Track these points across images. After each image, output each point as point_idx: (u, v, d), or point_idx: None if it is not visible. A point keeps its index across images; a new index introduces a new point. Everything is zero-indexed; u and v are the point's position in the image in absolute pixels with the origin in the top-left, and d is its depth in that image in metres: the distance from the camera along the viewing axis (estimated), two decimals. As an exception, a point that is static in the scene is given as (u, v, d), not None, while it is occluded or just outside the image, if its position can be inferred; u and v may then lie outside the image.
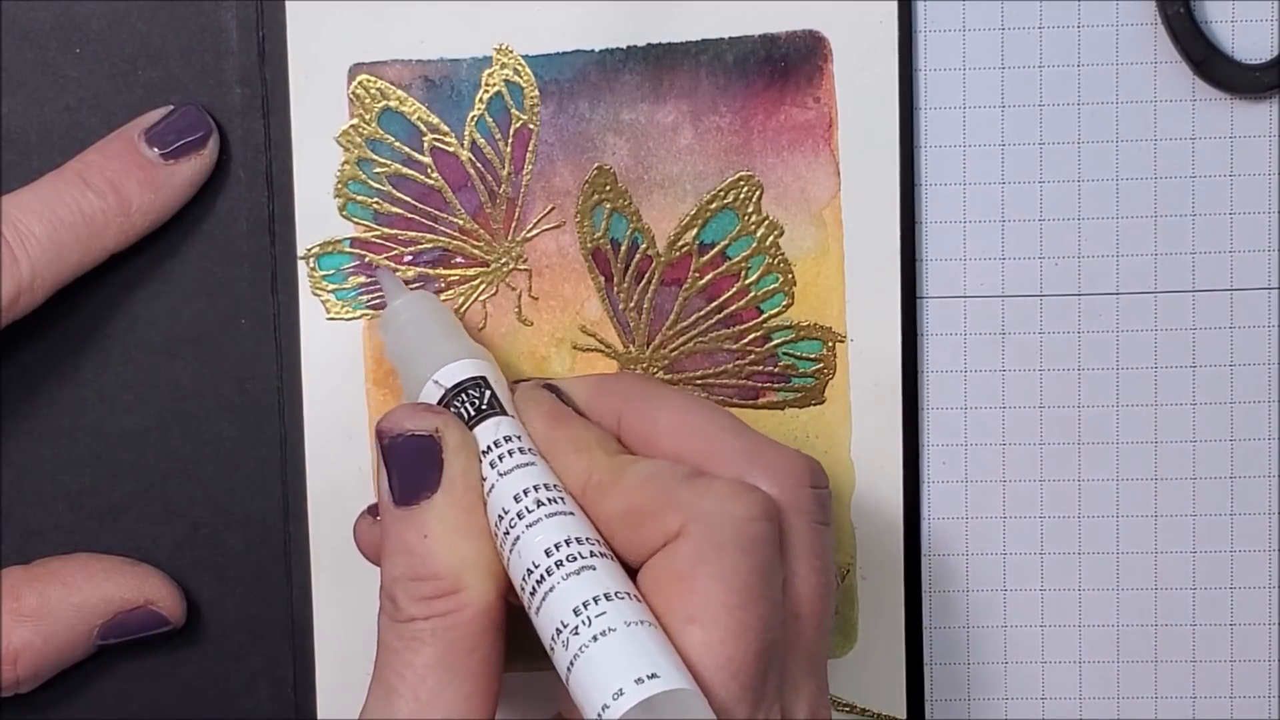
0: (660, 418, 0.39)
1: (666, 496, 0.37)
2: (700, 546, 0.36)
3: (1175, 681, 0.47)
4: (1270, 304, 0.46)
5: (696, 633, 0.35)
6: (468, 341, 0.42)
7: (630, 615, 0.35)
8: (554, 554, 0.36)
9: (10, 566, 0.44)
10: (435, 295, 0.44)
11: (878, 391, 0.45)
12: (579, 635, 0.35)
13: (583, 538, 0.37)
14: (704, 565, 0.36)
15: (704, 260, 0.45)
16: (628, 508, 0.37)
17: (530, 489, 0.38)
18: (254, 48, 0.44)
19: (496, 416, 0.39)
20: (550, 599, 0.36)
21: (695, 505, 0.36)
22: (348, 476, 0.45)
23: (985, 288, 0.46)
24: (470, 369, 0.40)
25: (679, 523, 0.36)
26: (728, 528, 0.36)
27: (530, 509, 0.37)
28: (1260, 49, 0.45)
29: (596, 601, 0.35)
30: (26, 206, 0.42)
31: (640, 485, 0.37)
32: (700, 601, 0.35)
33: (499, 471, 0.38)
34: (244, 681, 0.46)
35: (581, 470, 0.38)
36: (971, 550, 0.47)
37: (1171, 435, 0.46)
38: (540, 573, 0.36)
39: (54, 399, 0.45)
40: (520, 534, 0.37)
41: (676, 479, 0.37)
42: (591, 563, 0.36)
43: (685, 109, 0.45)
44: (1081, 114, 0.45)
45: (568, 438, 0.39)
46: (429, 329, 0.42)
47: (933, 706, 0.47)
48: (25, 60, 0.44)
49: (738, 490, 0.37)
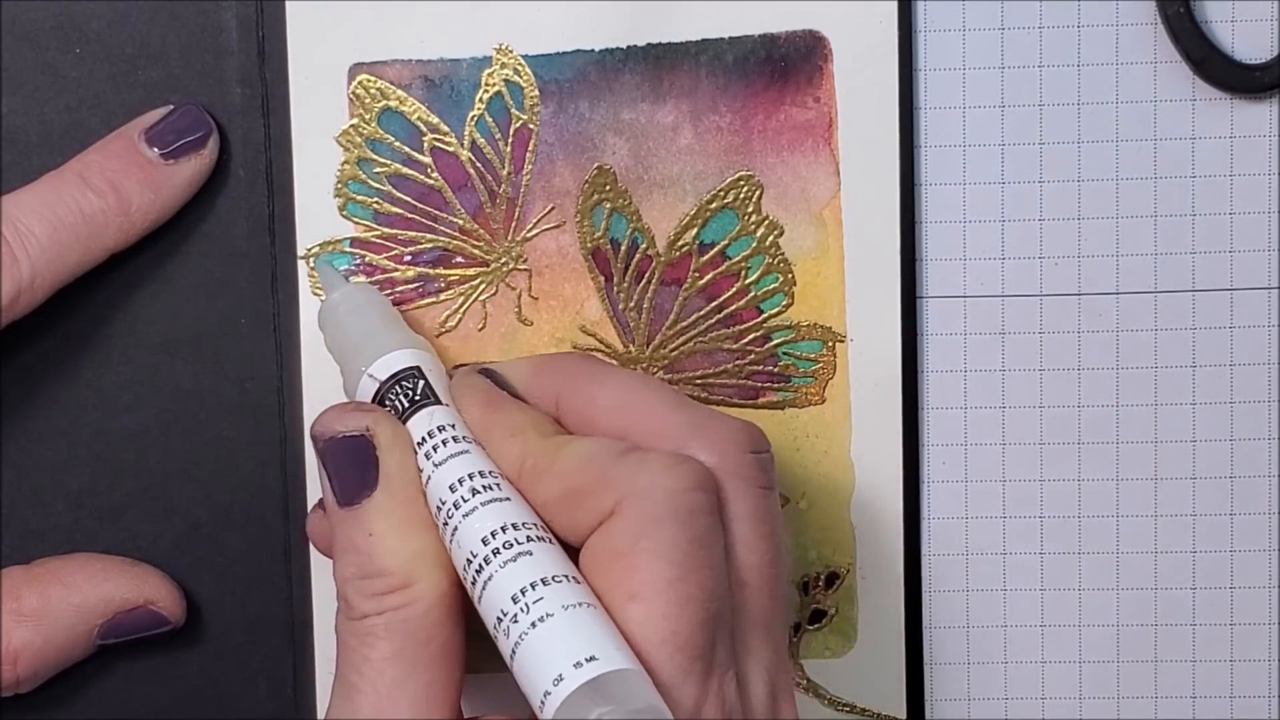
0: (599, 396, 0.39)
1: (601, 474, 0.37)
2: (637, 522, 0.36)
3: (1175, 681, 0.47)
4: (1270, 304, 0.46)
5: (638, 609, 0.35)
6: (405, 332, 0.42)
7: (568, 598, 0.35)
8: (490, 541, 0.36)
9: (10, 566, 0.44)
10: (373, 286, 0.44)
11: (878, 391, 0.45)
12: (518, 623, 0.35)
13: (519, 523, 0.36)
14: (641, 540, 0.35)
15: (704, 260, 0.45)
16: (564, 489, 0.37)
17: (465, 478, 0.37)
18: (254, 48, 0.44)
19: (430, 406, 0.39)
20: (490, 587, 0.36)
21: (630, 481, 0.36)
22: (348, 476, 0.45)
23: (985, 288, 0.46)
24: (404, 359, 0.40)
25: (614, 500, 0.36)
26: (663, 501, 0.36)
27: (466, 498, 0.37)
28: (1260, 49, 0.45)
29: (534, 587, 0.35)
30: (26, 206, 0.42)
31: (575, 465, 0.37)
32: (640, 577, 0.35)
33: (434, 463, 0.38)
34: (244, 681, 0.46)
35: (517, 454, 0.38)
36: (971, 550, 0.47)
37: (1171, 435, 0.46)
38: (479, 561, 0.36)
39: (54, 399, 0.45)
40: (458, 524, 0.37)
41: (611, 456, 0.37)
42: (529, 548, 0.36)
43: (685, 109, 0.45)
44: (1081, 114, 0.45)
45: (502, 422, 0.39)
46: (365, 321, 0.42)
47: (933, 706, 0.47)
48: (25, 60, 0.44)
49: (671, 462, 0.36)
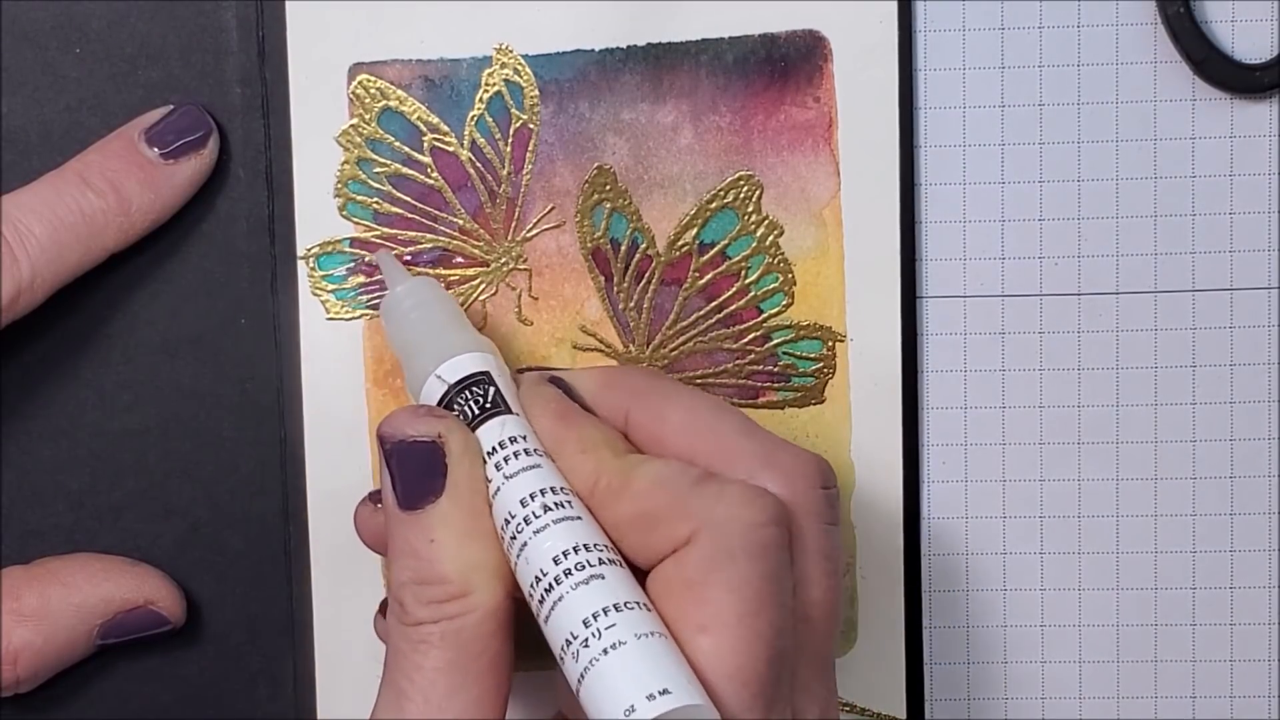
0: (670, 415, 0.39)
1: (677, 501, 0.36)
2: (711, 554, 0.35)
3: (1175, 681, 0.47)
4: (1270, 304, 0.46)
5: (707, 642, 0.35)
6: (471, 332, 0.41)
7: (641, 627, 0.35)
8: (562, 561, 0.36)
9: (10, 566, 0.44)
10: (438, 281, 0.44)
11: (878, 391, 0.45)
12: (589, 648, 0.34)
13: (591, 544, 0.36)
14: (715, 573, 0.35)
15: (704, 260, 0.45)
16: (637, 512, 0.37)
17: (537, 493, 0.37)
18: (254, 48, 0.44)
19: (501, 415, 0.39)
20: (559, 608, 0.35)
21: (706, 511, 0.36)
22: (348, 476, 0.45)
23: (985, 287, 0.46)
24: (474, 363, 0.40)
25: (690, 529, 0.36)
26: (739, 534, 0.36)
27: (537, 514, 0.37)
28: (1260, 49, 0.45)
29: (606, 613, 0.35)
30: (26, 206, 0.42)
31: (650, 489, 0.37)
32: (712, 610, 0.35)
33: (504, 474, 0.38)
34: (244, 681, 0.46)
35: (590, 471, 0.38)
36: (971, 550, 0.47)
37: (1171, 435, 0.46)
38: (549, 581, 0.36)
39: (54, 399, 0.45)
40: (527, 540, 0.36)
41: (687, 483, 0.37)
42: (600, 571, 0.36)
43: (685, 109, 0.45)
44: (1081, 114, 0.45)
45: (576, 437, 0.38)
46: (431, 318, 0.41)
47: (933, 706, 0.47)
48: (25, 60, 0.44)
49: (749, 495, 0.36)
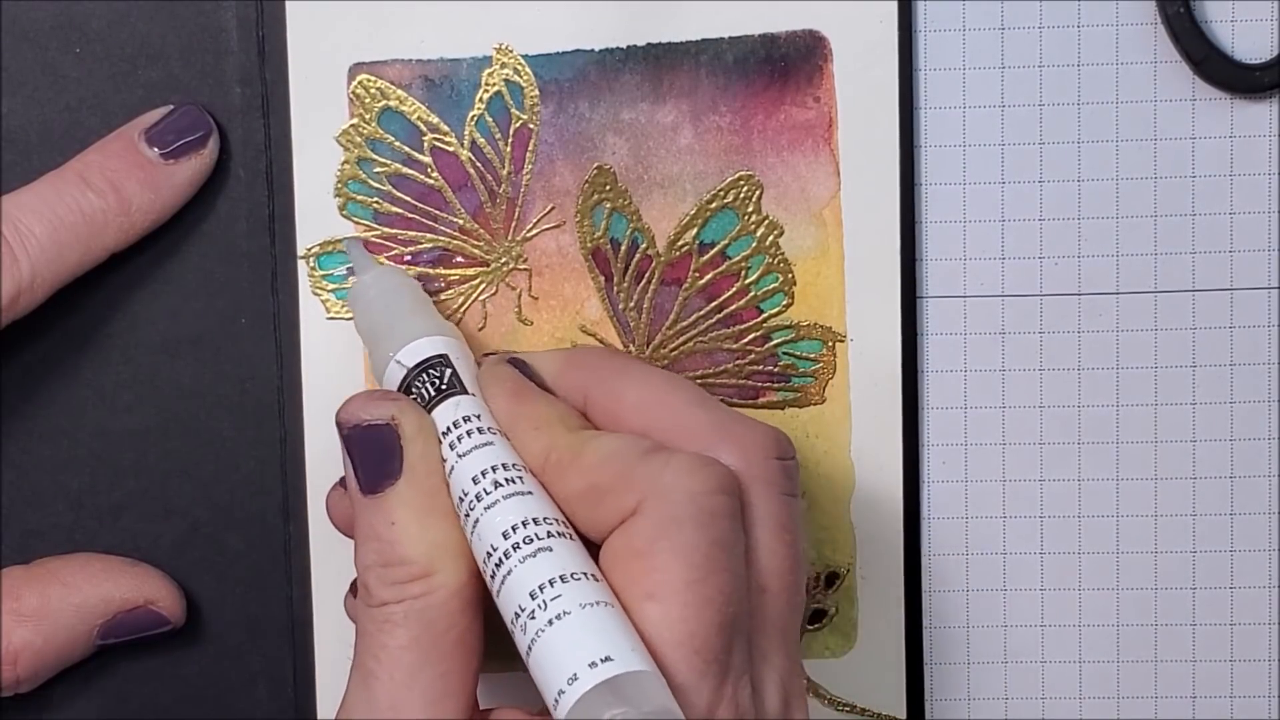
0: (627, 393, 0.39)
1: (625, 472, 0.37)
2: (657, 522, 0.36)
3: (1175, 681, 0.47)
4: (1270, 304, 0.46)
5: (655, 609, 0.35)
6: (434, 318, 0.41)
7: (586, 596, 0.35)
8: (511, 536, 0.36)
9: (10, 566, 0.44)
10: (403, 270, 0.44)
11: (878, 391, 0.45)
12: (535, 619, 0.35)
13: (540, 518, 0.36)
14: (661, 541, 0.35)
15: (704, 260, 0.45)
16: (587, 485, 0.37)
17: (488, 469, 0.37)
18: (254, 48, 0.44)
19: (456, 396, 0.39)
20: (509, 582, 0.36)
21: (652, 481, 0.36)
22: (348, 476, 0.45)
23: (985, 288, 0.46)
24: (432, 346, 0.40)
25: (636, 499, 0.36)
26: (685, 502, 0.36)
27: (488, 490, 0.37)
28: (1260, 49, 0.45)
29: (552, 584, 0.35)
30: (26, 206, 0.42)
31: (599, 462, 0.37)
32: (658, 578, 0.35)
33: (457, 453, 0.38)
34: (244, 681, 0.46)
35: (541, 448, 0.38)
36: (971, 550, 0.47)
37: (1171, 435, 0.46)
38: (499, 555, 0.36)
39: (54, 399, 0.45)
40: (479, 516, 0.37)
41: (635, 454, 0.37)
42: (549, 544, 0.36)
43: (685, 109, 0.45)
44: (1081, 114, 0.45)
45: (529, 414, 0.39)
46: (395, 305, 0.42)
47: (933, 706, 0.47)
48: (25, 60, 0.44)
49: (695, 464, 0.36)
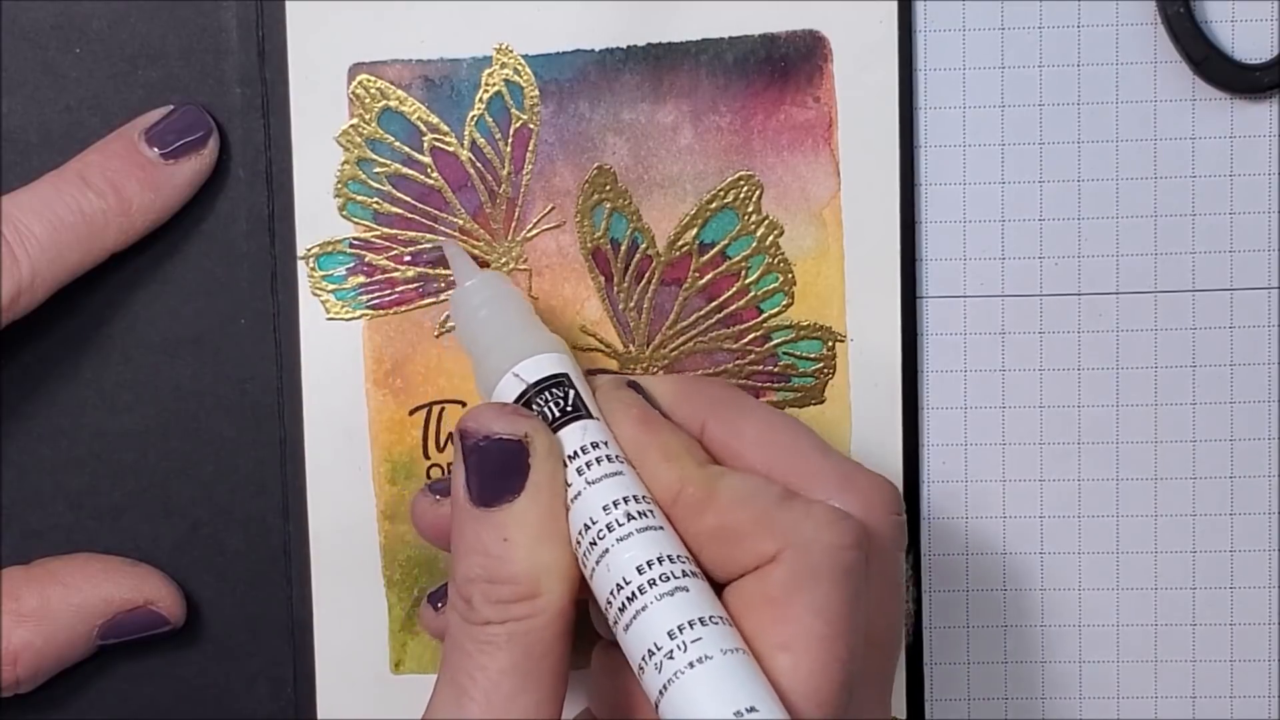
0: (747, 430, 0.39)
1: (763, 517, 0.36)
2: (796, 573, 0.36)
3: (1175, 681, 0.47)
4: (1270, 304, 0.46)
5: (787, 661, 0.35)
6: (545, 331, 0.41)
7: (725, 643, 0.35)
8: (646, 571, 0.36)
9: (10, 566, 0.44)
10: (506, 276, 0.43)
11: (878, 391, 0.46)
12: (674, 660, 0.35)
13: (674, 555, 0.36)
14: (799, 593, 0.35)
15: (704, 260, 0.45)
16: (721, 525, 0.37)
17: (620, 500, 0.37)
18: (254, 48, 0.44)
19: (583, 420, 0.38)
20: (642, 619, 0.35)
21: (793, 530, 0.36)
22: (347, 476, 0.45)
23: (985, 288, 0.46)
24: (553, 364, 0.39)
25: (775, 547, 0.36)
26: (823, 555, 0.36)
27: (620, 521, 0.36)
28: (1260, 49, 0.45)
29: (691, 626, 0.35)
30: (26, 206, 0.42)
31: (735, 503, 0.37)
32: (793, 630, 0.35)
33: (586, 480, 0.37)
34: (244, 681, 0.46)
35: (673, 480, 0.37)
36: (971, 550, 0.47)
37: (1171, 435, 0.46)
38: (631, 590, 0.36)
39: (54, 399, 0.45)
40: (610, 546, 0.36)
41: (772, 499, 0.37)
42: (684, 583, 0.36)
43: (685, 109, 0.45)
44: (1081, 114, 0.45)
45: (658, 444, 0.38)
46: (504, 315, 0.41)
47: (933, 706, 0.47)
48: (25, 60, 0.44)
49: (834, 517, 0.36)
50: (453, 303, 0.42)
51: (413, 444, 0.45)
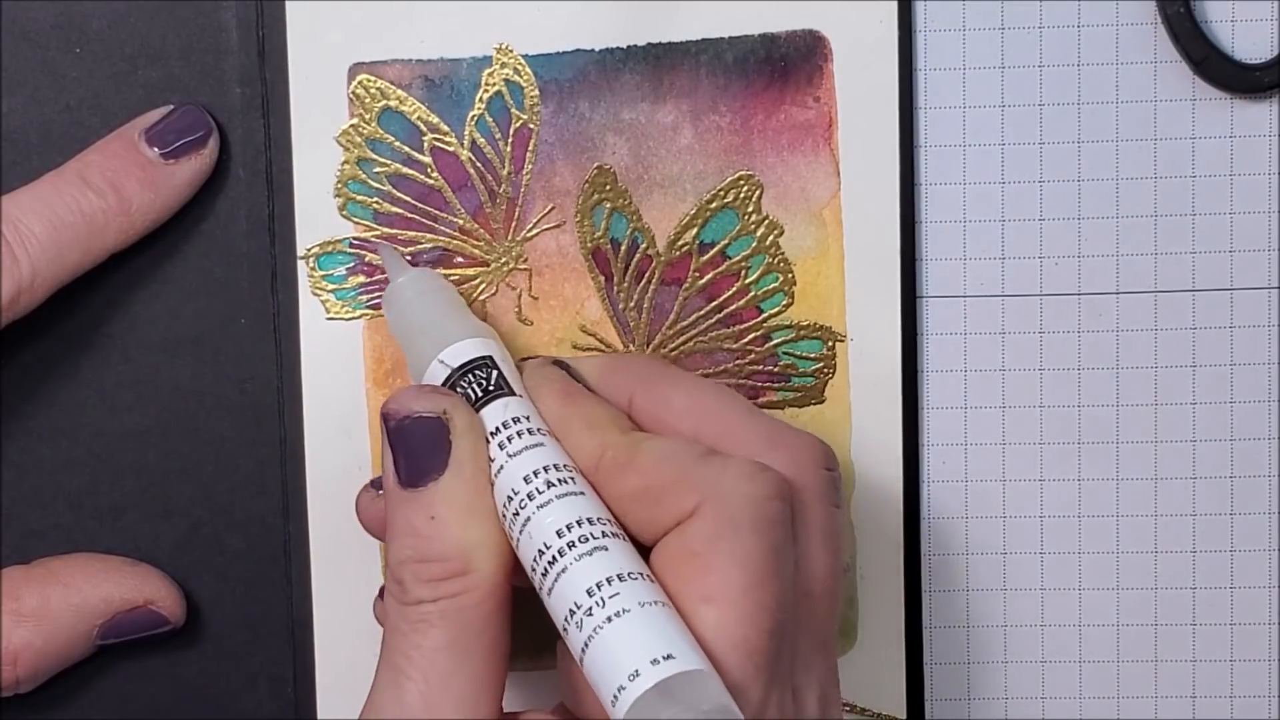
0: (674, 399, 0.39)
1: (683, 474, 0.37)
2: (716, 525, 0.36)
3: (1175, 681, 0.47)
4: (1270, 304, 0.46)
5: (711, 612, 0.35)
6: (472, 319, 0.42)
7: (644, 596, 0.35)
8: (565, 535, 0.36)
9: (10, 566, 0.44)
10: (438, 272, 0.44)
11: (878, 391, 0.45)
12: (593, 616, 0.35)
13: (594, 518, 0.37)
14: (720, 544, 0.36)
15: (704, 260, 0.45)
16: (643, 486, 0.37)
17: (540, 469, 0.37)
18: (254, 48, 0.44)
19: (505, 397, 0.39)
20: (563, 580, 0.36)
21: (712, 484, 0.36)
22: (347, 476, 0.45)
23: (985, 287, 0.46)
24: (476, 348, 0.40)
25: (695, 501, 0.36)
26: (744, 507, 0.36)
27: (540, 490, 0.37)
28: (1260, 49, 0.45)
29: (610, 582, 0.35)
30: (26, 206, 0.42)
31: (656, 463, 0.37)
32: (715, 581, 0.35)
33: (508, 453, 0.38)
34: (244, 681, 0.46)
35: (595, 447, 0.38)
36: (971, 550, 0.47)
37: (1171, 435, 0.46)
38: (552, 553, 0.36)
39: (54, 399, 0.45)
40: (531, 515, 0.37)
41: (692, 457, 0.37)
42: (604, 543, 0.36)
43: (685, 109, 0.45)
44: (1081, 114, 0.45)
45: (580, 414, 0.39)
46: (433, 307, 0.42)
47: (933, 706, 0.47)
48: (25, 60, 0.44)
49: (753, 470, 0.37)
50: (385, 299, 0.43)
51: (413, 444, 0.45)
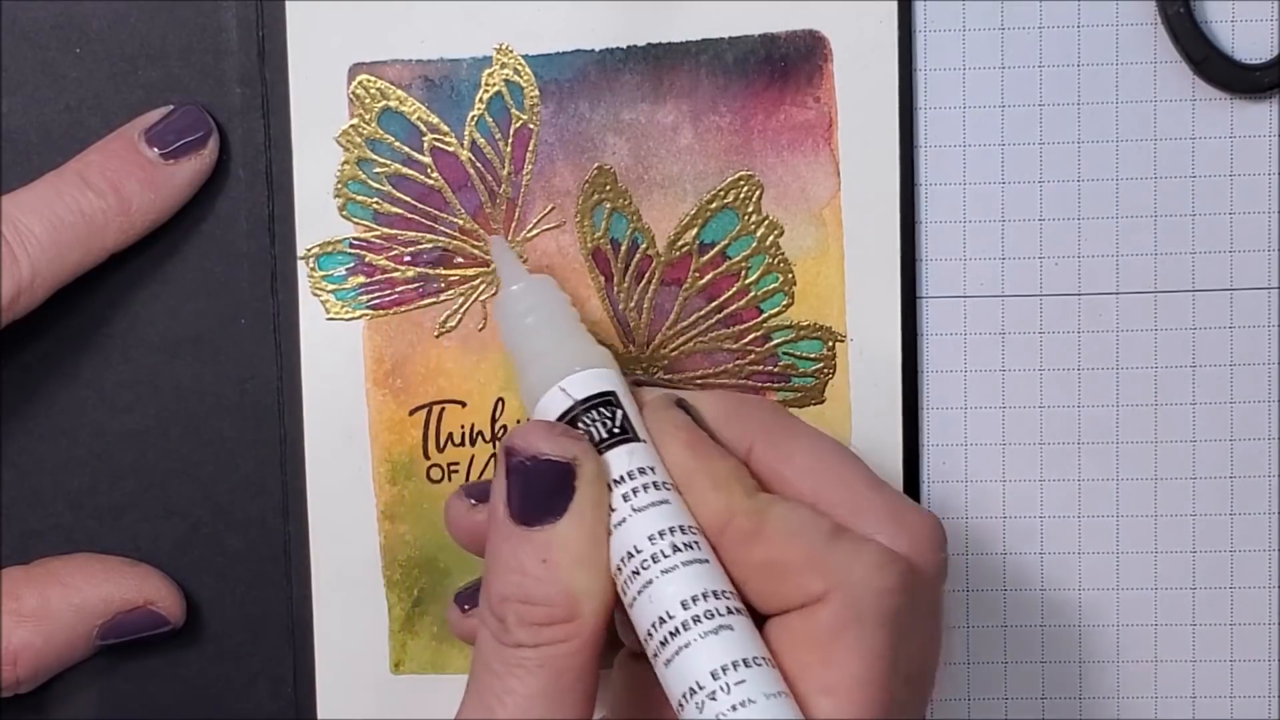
0: (796, 456, 0.38)
1: (812, 555, 0.36)
2: (843, 615, 0.35)
3: (1175, 681, 0.47)
4: (1270, 304, 0.46)
5: (828, 704, 0.35)
6: (593, 343, 0.40)
7: (769, 686, 0.34)
8: (690, 607, 0.35)
9: (10, 566, 0.44)
10: (554, 281, 0.42)
11: (878, 391, 0.45)
12: (716, 702, 0.34)
13: (720, 590, 0.36)
14: (845, 636, 0.35)
15: (704, 260, 0.45)
16: (769, 559, 0.36)
17: (666, 530, 0.36)
18: (254, 48, 0.44)
19: (631, 443, 0.38)
20: (685, 655, 0.35)
21: (842, 570, 0.36)
22: (347, 476, 0.45)
23: (985, 288, 0.46)
24: (601, 380, 0.38)
25: (823, 586, 0.35)
26: (871, 598, 0.35)
27: (666, 553, 0.36)
28: (1260, 49, 0.45)
29: (735, 667, 0.35)
30: (26, 206, 0.42)
31: (785, 538, 0.36)
32: (837, 674, 0.35)
33: (632, 506, 0.37)
34: (244, 681, 0.46)
35: (721, 509, 0.37)
36: (971, 550, 0.47)
37: (1171, 435, 0.46)
38: (675, 625, 0.35)
39: (54, 399, 0.45)
40: (654, 578, 0.36)
41: (822, 536, 0.36)
42: (729, 621, 0.35)
43: (685, 109, 0.45)
44: (1081, 114, 0.45)
45: (707, 471, 0.37)
46: (552, 323, 0.40)
47: (933, 706, 0.47)
48: (25, 60, 0.44)
49: (884, 559, 0.36)
50: (498, 305, 0.41)
51: (413, 444, 0.45)
